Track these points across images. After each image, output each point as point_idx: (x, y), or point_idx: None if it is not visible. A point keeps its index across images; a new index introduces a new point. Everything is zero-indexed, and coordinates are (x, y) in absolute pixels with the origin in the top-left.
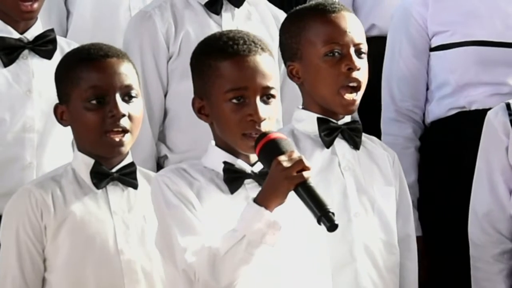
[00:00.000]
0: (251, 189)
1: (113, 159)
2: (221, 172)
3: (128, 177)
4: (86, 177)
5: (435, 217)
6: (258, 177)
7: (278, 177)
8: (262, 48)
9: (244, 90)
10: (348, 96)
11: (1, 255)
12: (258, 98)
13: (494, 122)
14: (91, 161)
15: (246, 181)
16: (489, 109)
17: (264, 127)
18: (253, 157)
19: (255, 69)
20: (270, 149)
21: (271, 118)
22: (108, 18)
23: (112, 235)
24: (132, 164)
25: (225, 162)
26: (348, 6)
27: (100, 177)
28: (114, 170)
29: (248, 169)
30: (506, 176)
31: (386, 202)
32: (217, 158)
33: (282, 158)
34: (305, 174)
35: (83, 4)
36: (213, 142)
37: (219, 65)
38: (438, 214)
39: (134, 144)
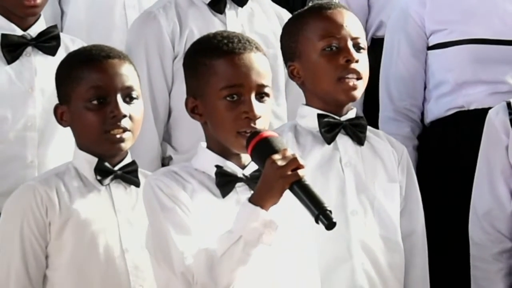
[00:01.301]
0: (241, 192)
1: (114, 157)
2: (212, 175)
3: (130, 175)
4: (89, 175)
5: (434, 216)
6: (249, 181)
7: (272, 176)
8: (256, 47)
9: (239, 87)
10: (349, 82)
11: (2, 252)
12: (253, 96)
13: (494, 121)
14: (94, 159)
15: (237, 184)
16: (488, 108)
17: (259, 124)
18: (245, 159)
19: (250, 66)
20: (263, 148)
21: (266, 116)
22: (103, 17)
23: (116, 233)
24: (133, 163)
25: (217, 166)
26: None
27: (104, 174)
28: (116, 168)
29: (239, 172)
30: (506, 175)
31: (388, 199)
32: (208, 160)
33: (276, 156)
34: (300, 172)
35: (77, 3)
36: (204, 144)
37: (214, 63)
38: (437, 213)
39: (140, 145)
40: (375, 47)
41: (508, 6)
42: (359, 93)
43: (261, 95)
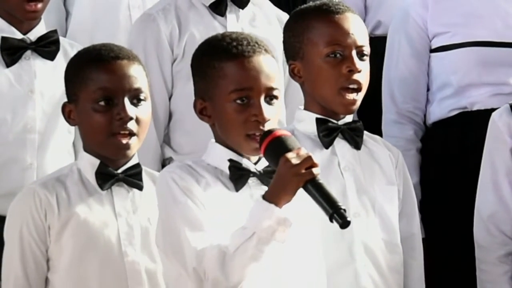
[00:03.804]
0: (254, 187)
1: (118, 160)
2: (225, 170)
3: (133, 178)
4: (91, 178)
5: (438, 218)
6: (262, 176)
7: (287, 174)
8: (265, 50)
9: (248, 91)
10: (349, 96)
11: (5, 255)
12: (262, 99)
13: (498, 123)
14: (96, 162)
15: (250, 179)
16: (491, 109)
17: (268, 127)
18: (254, 156)
19: (260, 69)
20: (276, 146)
21: (274, 119)
22: (107, 17)
23: (116, 236)
24: (137, 165)
25: (230, 160)
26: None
27: (105, 178)
28: (119, 171)
29: (252, 167)
30: (511, 177)
31: (387, 202)
32: (220, 155)
33: (290, 155)
34: (314, 170)
35: (82, 4)
36: (213, 140)
37: (223, 65)
38: (441, 216)
39: (139, 148)
40: (373, 46)
41: (510, 8)
42: (357, 106)
43: (270, 97)
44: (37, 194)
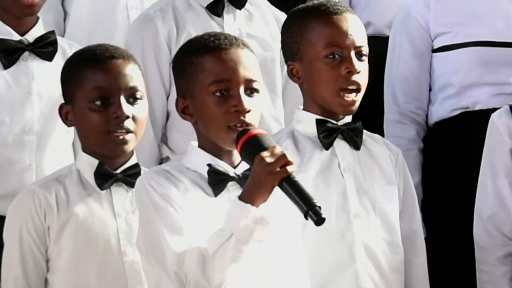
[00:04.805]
0: (233, 191)
1: (117, 159)
2: (204, 174)
3: (132, 178)
4: (90, 178)
5: (440, 218)
6: (241, 180)
7: (261, 173)
8: (243, 44)
9: (227, 82)
10: (348, 97)
11: (4, 255)
12: (241, 90)
13: (498, 124)
14: (95, 162)
15: (229, 183)
16: (493, 109)
17: (249, 118)
18: (236, 158)
19: (238, 61)
20: (252, 145)
21: (255, 111)
22: (106, 18)
23: (115, 236)
24: (136, 165)
25: (209, 165)
26: (345, 4)
27: (104, 177)
28: (118, 171)
29: (231, 171)
30: (511, 178)
31: (388, 202)
32: (199, 159)
33: (265, 154)
34: (289, 168)
35: (80, 4)
36: (195, 144)
37: (201, 60)
38: (443, 215)
39: (137, 148)
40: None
41: None
42: (356, 107)
43: (251, 90)
44: (37, 195)
